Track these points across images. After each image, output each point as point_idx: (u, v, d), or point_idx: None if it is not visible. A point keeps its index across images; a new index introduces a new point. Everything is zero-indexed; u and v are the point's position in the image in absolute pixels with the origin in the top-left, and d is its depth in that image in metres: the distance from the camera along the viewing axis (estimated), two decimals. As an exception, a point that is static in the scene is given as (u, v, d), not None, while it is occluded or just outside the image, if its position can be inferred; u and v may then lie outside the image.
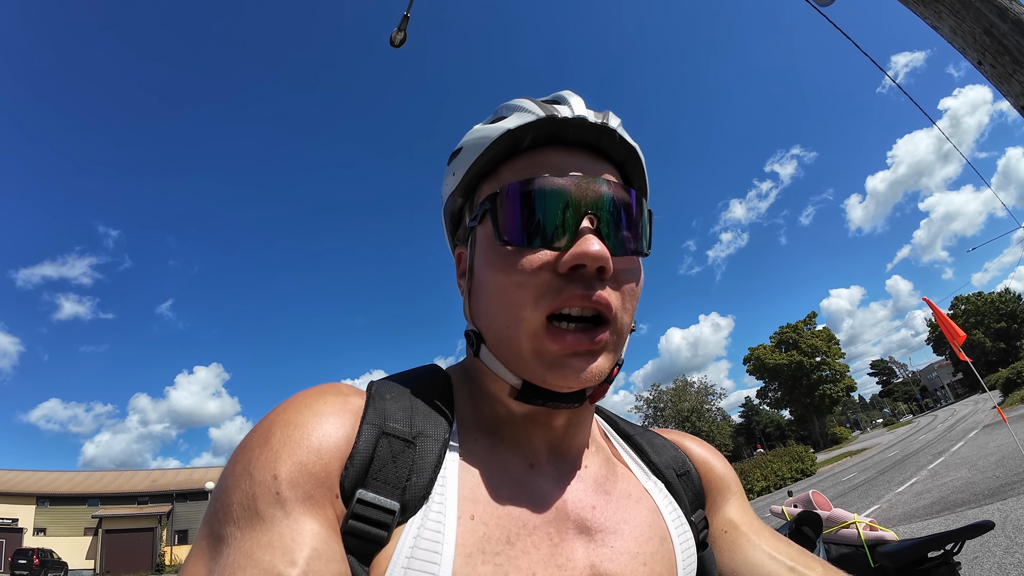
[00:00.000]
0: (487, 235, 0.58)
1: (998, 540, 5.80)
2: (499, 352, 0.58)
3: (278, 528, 0.43)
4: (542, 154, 0.59)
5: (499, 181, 0.59)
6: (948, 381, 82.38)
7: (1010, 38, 2.40)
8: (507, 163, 0.60)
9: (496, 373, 0.59)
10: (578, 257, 0.52)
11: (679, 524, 0.66)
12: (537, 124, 0.57)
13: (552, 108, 0.58)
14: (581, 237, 0.53)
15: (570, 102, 0.59)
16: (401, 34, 5.61)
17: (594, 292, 0.53)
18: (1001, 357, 56.16)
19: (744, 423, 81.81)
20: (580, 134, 0.59)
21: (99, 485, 37.68)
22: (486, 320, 0.59)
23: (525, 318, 0.54)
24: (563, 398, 0.56)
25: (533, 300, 0.53)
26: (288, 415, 0.50)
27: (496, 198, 0.57)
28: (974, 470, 10.99)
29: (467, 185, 0.62)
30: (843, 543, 2.70)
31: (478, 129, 0.61)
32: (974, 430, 20.02)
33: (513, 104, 0.61)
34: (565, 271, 0.53)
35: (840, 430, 56.68)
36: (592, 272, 0.53)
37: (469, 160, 0.61)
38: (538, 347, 0.54)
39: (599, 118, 0.59)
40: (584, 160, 0.59)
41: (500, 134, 0.58)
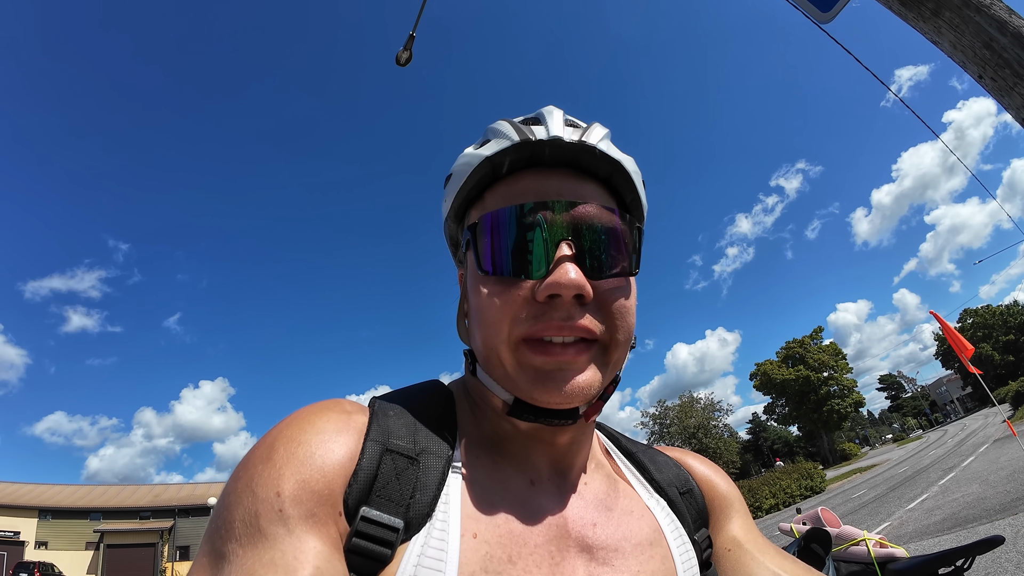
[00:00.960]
0: (471, 263, 0.59)
1: (1010, 556, 5.71)
2: (489, 370, 0.59)
3: (280, 546, 0.43)
4: (522, 179, 0.58)
5: (484, 207, 0.60)
6: (958, 395, 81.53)
7: (1010, 51, 2.42)
8: (491, 189, 0.60)
9: (491, 390, 0.60)
10: (552, 287, 0.52)
11: (681, 542, 0.65)
12: (513, 149, 0.57)
13: (527, 131, 0.57)
14: (558, 265, 0.53)
15: (547, 121, 0.58)
16: (407, 53, 5.68)
17: (573, 320, 0.53)
18: (1010, 370, 55.58)
19: (752, 439, 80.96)
20: (558, 154, 0.58)
21: (101, 499, 37.56)
22: (476, 342, 0.60)
23: (503, 341, 0.54)
24: (555, 415, 0.55)
25: (509, 326, 0.54)
26: (291, 432, 0.50)
27: (475, 228, 0.57)
28: (985, 485, 10.85)
29: (457, 210, 0.63)
30: (853, 560, 2.66)
31: (466, 154, 0.61)
32: (984, 444, 19.77)
33: (494, 127, 0.61)
34: (543, 299, 0.53)
35: (849, 446, 56.01)
36: (569, 300, 0.53)
37: (456, 187, 0.61)
38: (521, 361, 0.54)
39: (576, 135, 0.58)
40: (565, 181, 0.58)
41: (479, 161, 0.58)
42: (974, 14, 2.43)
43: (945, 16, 2.55)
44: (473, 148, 0.63)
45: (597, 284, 0.55)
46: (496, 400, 0.60)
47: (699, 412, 52.48)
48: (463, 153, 0.63)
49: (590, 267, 0.54)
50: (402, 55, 5.71)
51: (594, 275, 0.55)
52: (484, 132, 0.64)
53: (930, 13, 2.60)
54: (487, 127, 0.64)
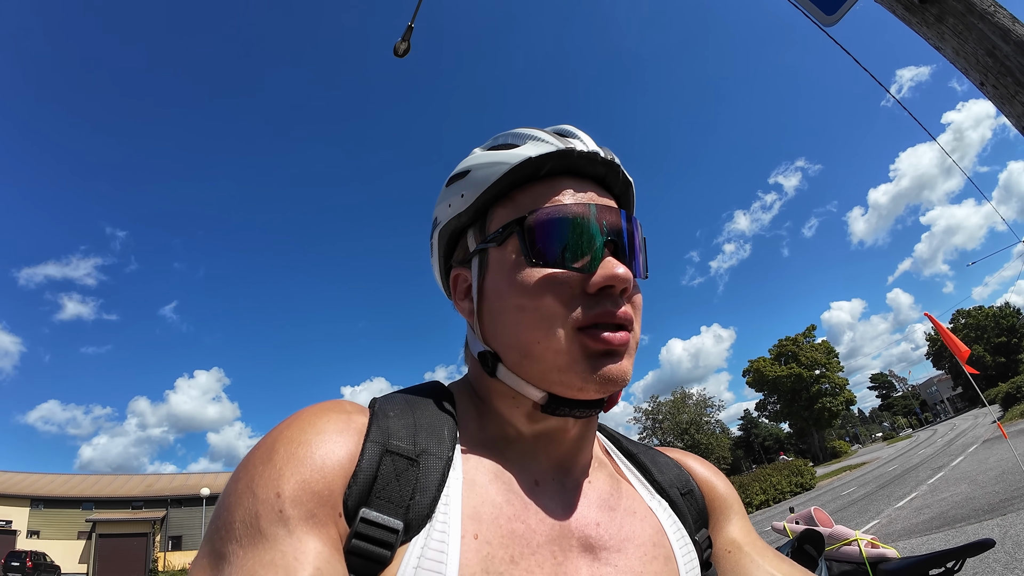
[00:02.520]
0: (508, 256, 0.60)
1: (998, 556, 5.78)
2: (523, 368, 0.59)
3: (280, 547, 0.43)
4: (559, 182, 0.62)
5: (516, 205, 0.62)
6: (948, 395, 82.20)
7: (1012, 59, 2.43)
8: (523, 189, 0.62)
9: (517, 390, 0.60)
10: (609, 279, 0.56)
11: (683, 543, 0.66)
12: (557, 155, 0.61)
13: (568, 141, 0.62)
14: (604, 260, 0.58)
15: (581, 137, 0.64)
16: (405, 44, 5.66)
17: (620, 308, 0.57)
18: (1001, 371, 56.06)
19: (743, 436, 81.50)
20: (591, 167, 0.63)
21: (94, 489, 37.39)
22: (509, 339, 0.59)
23: (556, 331, 0.56)
24: (587, 405, 0.58)
25: (563, 316, 0.56)
26: (291, 432, 0.50)
27: (523, 221, 0.59)
28: (974, 485, 10.96)
29: (479, 208, 0.64)
30: (844, 560, 2.69)
31: (488, 154, 0.63)
32: (974, 445, 19.96)
33: (524, 133, 0.64)
34: (594, 291, 0.57)
35: (840, 444, 56.49)
36: (618, 292, 0.58)
37: (484, 183, 0.62)
38: (572, 351, 0.56)
39: (607, 154, 0.64)
40: (595, 190, 0.64)
41: (520, 161, 0.60)
42: (977, 21, 2.44)
43: (948, 22, 2.56)
44: (483, 150, 0.65)
45: None
46: (519, 398, 0.61)
47: (691, 408, 52.71)
48: (479, 153, 0.65)
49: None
50: (400, 46, 5.67)
51: None
52: (500, 137, 0.66)
53: (933, 19, 2.61)
54: (506, 132, 0.67)
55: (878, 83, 6.02)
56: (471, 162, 0.65)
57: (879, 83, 6.09)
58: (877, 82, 5.97)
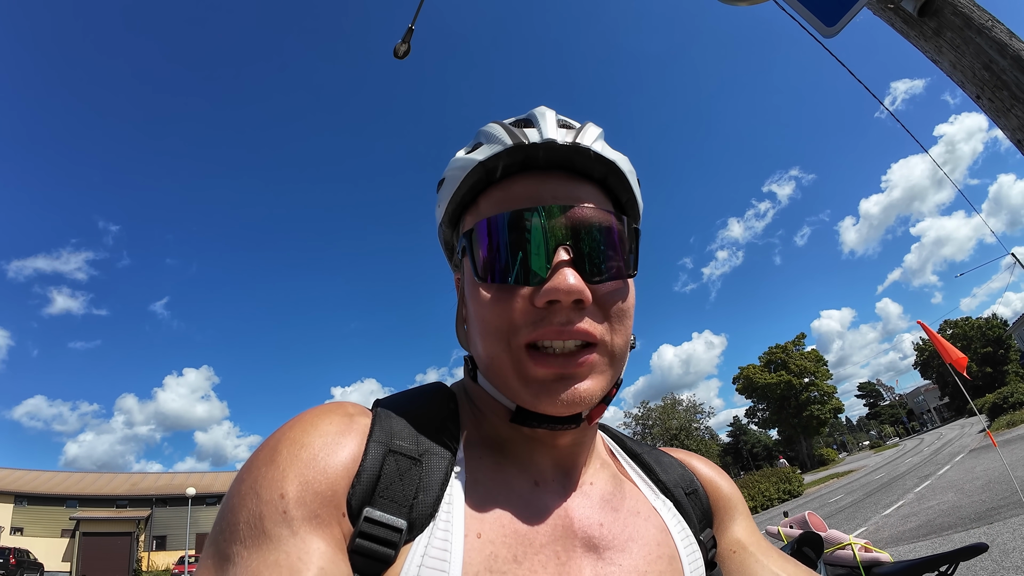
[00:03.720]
0: (468, 269, 0.59)
1: (984, 564, 5.84)
2: (491, 379, 0.59)
3: (284, 547, 0.43)
4: (516, 183, 0.58)
5: (478, 212, 0.59)
6: (935, 405, 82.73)
7: (1009, 73, 2.47)
8: (485, 193, 0.60)
9: (493, 397, 0.60)
10: (551, 292, 0.52)
11: (688, 543, 0.66)
12: (506, 153, 0.56)
13: (521, 134, 0.57)
14: (555, 271, 0.53)
15: (540, 123, 0.58)
16: (405, 46, 5.66)
17: (572, 325, 0.53)
18: (987, 382, 56.56)
19: (732, 442, 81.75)
20: (552, 157, 0.57)
21: (78, 486, 36.93)
22: (476, 349, 0.59)
23: (505, 348, 0.54)
24: (559, 420, 0.56)
25: (511, 333, 0.54)
26: (294, 434, 0.50)
27: (471, 235, 0.57)
28: (960, 494, 11.04)
29: (451, 216, 0.63)
30: (839, 564, 2.72)
31: (457, 159, 0.61)
32: (960, 454, 20.12)
33: (486, 131, 0.60)
34: (542, 305, 0.53)
35: (827, 451, 56.75)
36: (568, 305, 0.53)
37: (450, 192, 0.61)
38: (523, 373, 0.54)
39: (569, 136, 0.57)
40: (560, 184, 0.58)
41: (472, 166, 0.58)
42: (975, 35, 2.48)
43: (946, 36, 2.61)
44: (464, 152, 0.62)
45: (596, 288, 0.55)
46: (498, 406, 0.61)
47: (681, 414, 52.89)
48: (454, 157, 0.62)
49: (589, 271, 0.54)
50: (400, 48, 5.67)
51: (593, 279, 0.55)
52: (475, 135, 0.63)
53: (932, 33, 2.65)
54: (478, 130, 0.63)
55: (872, 95, 6.11)
56: (447, 168, 0.63)
57: (873, 95, 6.16)
58: (871, 94, 6.05)
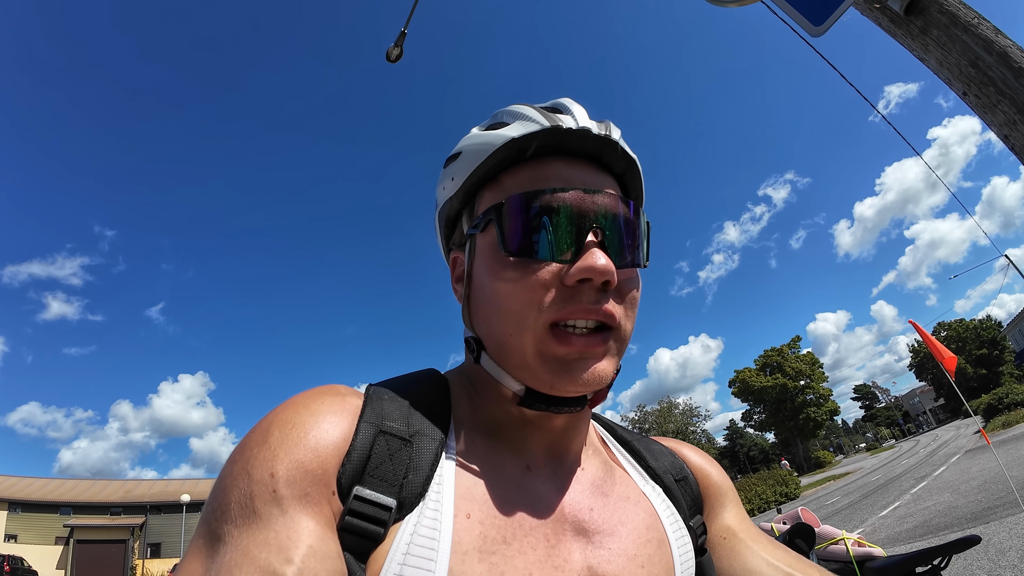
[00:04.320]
0: (489, 244, 0.58)
1: (981, 563, 5.85)
2: (501, 359, 0.58)
3: (275, 526, 0.44)
4: (546, 164, 0.59)
5: (502, 189, 0.60)
6: (930, 406, 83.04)
7: (995, 70, 2.49)
8: (510, 171, 0.60)
9: (497, 379, 0.60)
10: (585, 271, 0.53)
11: (677, 528, 0.67)
12: (543, 134, 0.57)
13: (556, 118, 0.58)
14: (587, 251, 0.54)
15: (573, 112, 0.60)
16: (397, 50, 5.69)
17: (600, 305, 0.54)
18: (982, 383, 56.72)
19: (729, 446, 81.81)
20: (583, 145, 0.59)
21: (72, 493, 36.63)
22: (488, 328, 0.59)
23: (529, 326, 0.54)
24: (565, 402, 0.56)
25: (537, 310, 0.54)
26: (286, 415, 0.51)
27: (501, 208, 0.57)
28: (956, 494, 11.07)
29: (467, 191, 0.62)
30: (832, 559, 2.72)
31: (478, 135, 0.61)
32: (956, 455, 20.15)
33: (515, 111, 0.61)
34: (572, 283, 0.54)
35: (823, 454, 56.80)
36: (598, 285, 0.54)
37: (471, 166, 0.61)
38: (544, 351, 0.54)
39: (602, 129, 0.59)
40: (587, 171, 0.60)
41: (504, 142, 0.58)
42: (961, 33, 2.50)
43: (933, 34, 2.63)
44: (480, 129, 0.63)
45: (618, 273, 0.56)
46: (503, 389, 0.60)
47: (678, 418, 52.94)
48: (473, 133, 0.63)
49: (614, 256, 0.56)
50: (392, 51, 5.70)
51: (617, 264, 0.56)
52: (497, 115, 0.63)
53: (918, 31, 2.68)
54: (502, 109, 0.63)
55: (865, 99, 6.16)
56: (463, 142, 0.63)
57: (866, 99, 6.22)
58: (863, 97, 6.10)
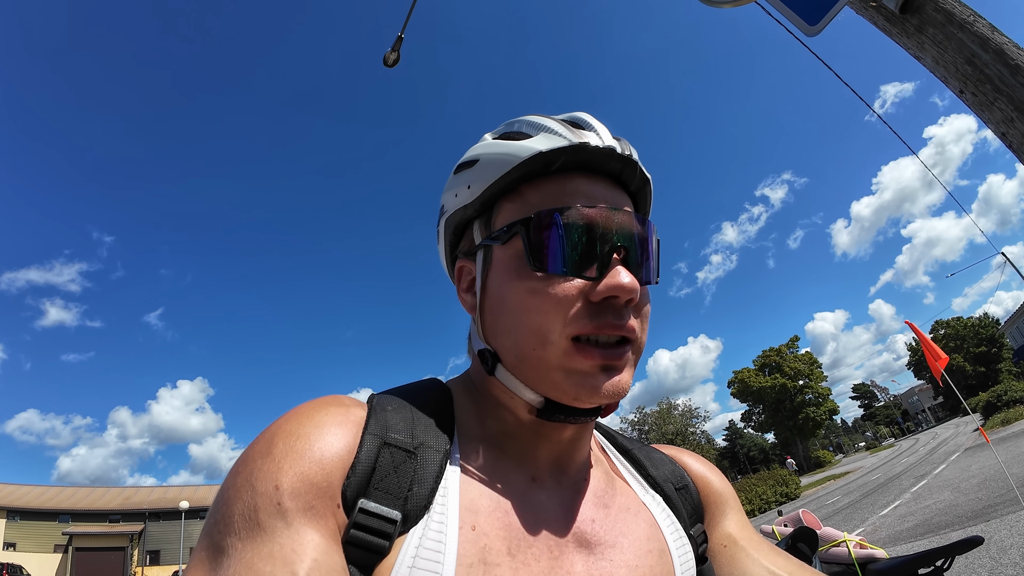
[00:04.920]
0: (512, 256, 0.58)
1: (983, 561, 5.84)
2: (520, 371, 0.58)
3: (279, 539, 0.44)
4: (571, 180, 0.59)
5: (523, 201, 0.59)
6: (929, 405, 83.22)
7: (991, 67, 2.48)
8: (532, 184, 0.60)
9: (513, 391, 0.60)
10: (613, 289, 0.54)
11: (678, 538, 0.66)
12: (571, 150, 0.58)
13: (582, 134, 0.59)
14: (612, 268, 0.55)
15: (596, 129, 0.60)
16: (395, 55, 5.69)
17: (624, 321, 0.55)
18: (981, 381, 56.84)
19: (728, 446, 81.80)
20: (606, 163, 0.60)
21: (71, 501, 36.55)
22: (508, 340, 0.59)
23: (554, 341, 0.54)
24: (583, 412, 0.57)
25: (562, 324, 0.54)
26: (290, 426, 0.51)
27: (529, 223, 0.57)
28: (957, 492, 11.07)
29: (485, 201, 0.62)
30: (834, 561, 2.70)
31: (498, 144, 0.61)
32: (956, 453, 20.17)
33: (536, 122, 0.61)
34: (598, 300, 0.55)
35: (823, 453, 56.84)
36: (622, 303, 0.55)
37: (491, 176, 0.60)
38: (568, 365, 0.55)
39: (624, 149, 0.60)
40: (608, 190, 0.60)
41: (531, 155, 0.57)
42: (957, 30, 2.50)
43: (928, 32, 2.63)
44: (494, 137, 0.63)
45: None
46: (517, 401, 0.60)
47: (677, 419, 52.87)
48: (489, 142, 0.62)
49: (633, 273, 0.57)
50: (389, 56, 5.70)
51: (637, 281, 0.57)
52: (513, 123, 0.64)
53: (914, 29, 2.67)
54: (518, 119, 0.64)
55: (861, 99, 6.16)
56: (480, 150, 0.62)
57: (861, 99, 6.22)
58: (859, 97, 6.10)
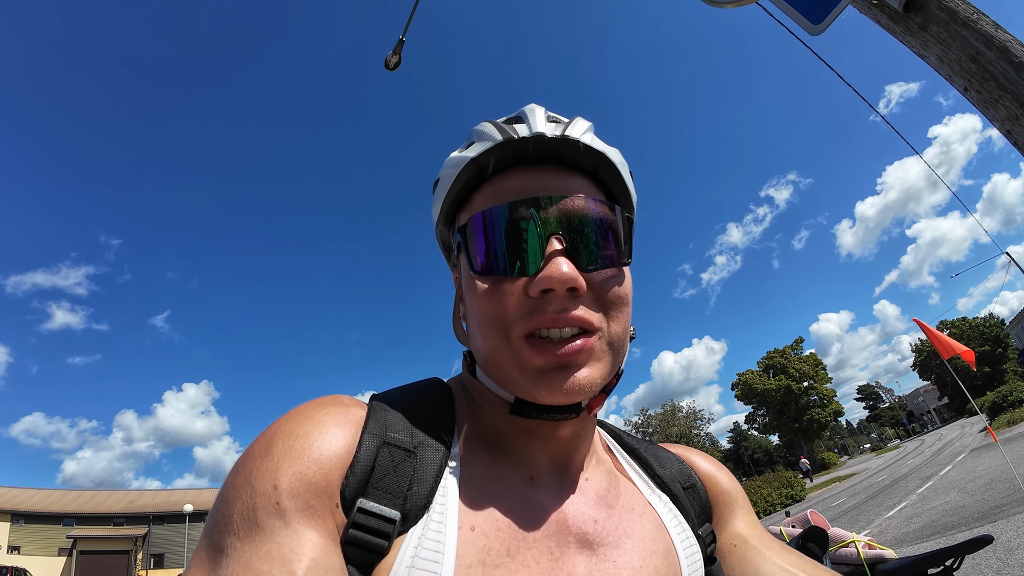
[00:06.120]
0: (464, 264, 0.60)
1: (990, 563, 5.80)
2: (488, 371, 0.59)
3: (277, 539, 0.44)
4: (507, 177, 0.59)
5: (472, 208, 0.61)
6: (934, 406, 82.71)
7: (996, 65, 2.48)
8: (478, 190, 0.61)
9: (491, 391, 0.61)
10: (544, 281, 0.52)
11: (685, 538, 0.66)
12: (497, 148, 0.58)
13: (510, 129, 0.58)
14: (549, 260, 0.53)
15: (529, 118, 0.59)
16: (396, 57, 5.70)
17: (567, 312, 0.53)
18: (986, 381, 56.62)
19: (733, 449, 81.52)
20: (542, 150, 0.58)
21: (75, 504, 36.66)
22: (475, 343, 0.60)
23: (504, 339, 0.55)
24: (558, 410, 0.56)
25: (509, 324, 0.54)
26: (290, 426, 0.51)
27: (465, 229, 0.58)
28: (963, 493, 10.99)
29: (447, 214, 0.64)
30: (843, 562, 2.69)
31: (451, 158, 0.62)
32: (962, 454, 20.10)
33: (478, 130, 0.61)
34: (536, 295, 0.53)
35: (828, 455, 56.59)
36: (563, 293, 0.53)
37: (444, 191, 0.62)
38: (523, 362, 0.54)
39: (558, 130, 0.58)
40: (551, 177, 0.58)
41: (464, 164, 0.59)
42: (961, 28, 2.49)
43: (932, 30, 2.62)
44: (458, 152, 0.63)
45: (590, 276, 0.55)
46: (497, 399, 0.61)
47: (681, 421, 52.81)
48: (449, 157, 0.63)
49: (583, 260, 0.55)
50: (391, 59, 5.72)
51: (587, 267, 0.55)
52: (468, 135, 0.64)
53: (918, 27, 2.67)
54: (471, 130, 0.64)
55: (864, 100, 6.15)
56: (442, 168, 0.64)
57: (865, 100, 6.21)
58: (862, 98, 6.09)
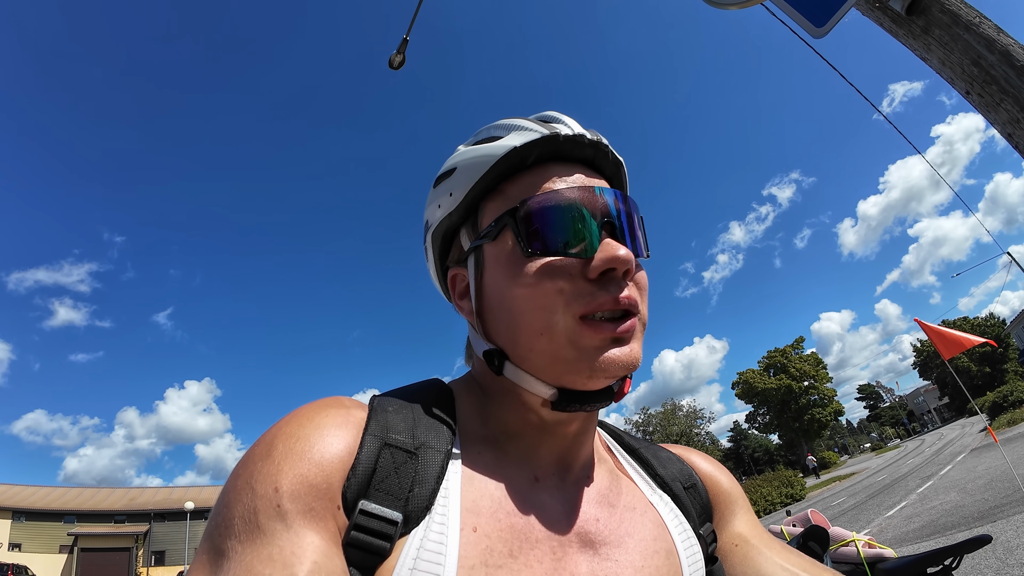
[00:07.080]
0: (503, 250, 0.59)
1: (989, 562, 5.81)
2: (530, 362, 0.58)
3: (279, 542, 0.43)
4: (547, 169, 0.61)
5: (506, 197, 0.61)
6: (934, 405, 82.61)
7: (997, 68, 2.49)
8: (512, 180, 0.61)
9: (524, 387, 0.59)
10: (609, 261, 0.55)
11: (686, 537, 0.66)
12: (542, 141, 0.60)
13: (552, 127, 0.61)
14: (603, 243, 0.56)
15: (565, 121, 0.63)
16: (400, 57, 5.72)
17: (624, 292, 0.56)
18: (987, 381, 56.53)
19: (733, 448, 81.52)
20: (578, 151, 0.62)
21: (76, 502, 36.61)
22: (512, 334, 0.59)
23: (559, 321, 0.55)
24: (597, 397, 0.57)
25: (565, 304, 0.55)
26: (290, 428, 0.51)
27: (516, 212, 0.58)
28: (963, 493, 11.00)
29: (468, 205, 0.63)
30: (842, 561, 2.71)
31: (473, 149, 0.62)
32: (962, 454, 20.09)
33: (507, 124, 0.63)
34: (595, 276, 0.55)
35: (829, 454, 56.56)
36: (620, 275, 0.56)
37: (471, 179, 0.61)
38: (578, 342, 0.54)
39: (594, 135, 0.63)
40: (584, 174, 0.62)
41: (506, 152, 0.59)
42: (963, 32, 2.50)
43: (935, 33, 2.63)
44: (467, 146, 0.64)
45: None
46: (526, 396, 0.60)
47: (682, 420, 52.85)
48: (462, 150, 0.64)
49: (629, 247, 0.59)
50: (395, 58, 5.73)
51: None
52: (484, 131, 0.65)
53: (920, 30, 2.68)
54: (488, 125, 0.66)
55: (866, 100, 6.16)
56: (456, 159, 0.64)
57: (867, 100, 6.22)
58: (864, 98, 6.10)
